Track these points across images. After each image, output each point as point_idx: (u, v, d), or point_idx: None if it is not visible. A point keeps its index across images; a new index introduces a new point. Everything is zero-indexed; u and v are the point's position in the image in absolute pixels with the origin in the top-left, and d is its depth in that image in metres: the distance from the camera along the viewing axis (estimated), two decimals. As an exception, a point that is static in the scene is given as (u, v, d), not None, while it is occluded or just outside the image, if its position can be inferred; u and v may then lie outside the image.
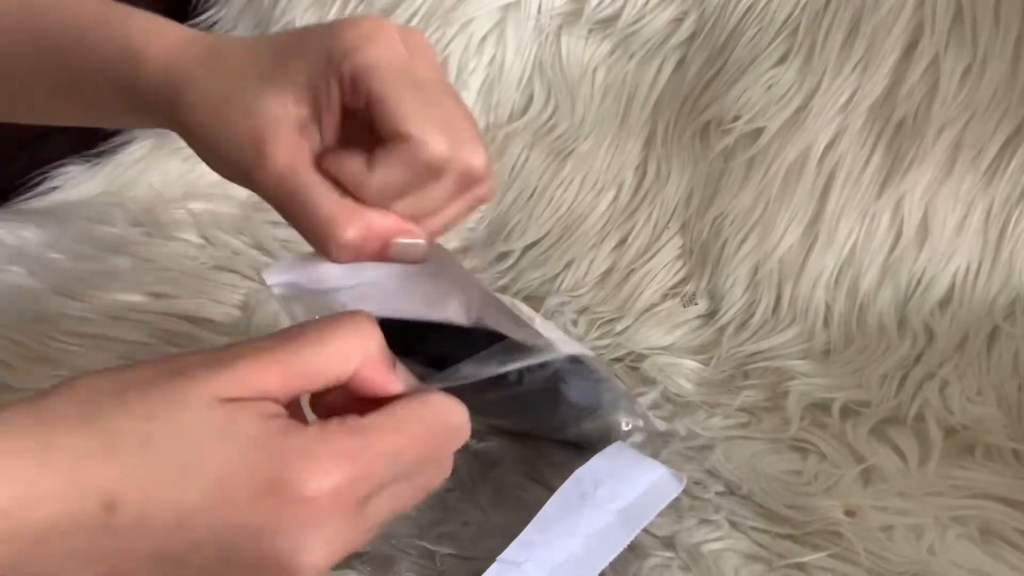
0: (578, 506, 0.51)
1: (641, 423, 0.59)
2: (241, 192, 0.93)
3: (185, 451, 0.31)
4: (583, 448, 0.57)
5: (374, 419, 0.34)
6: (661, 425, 0.62)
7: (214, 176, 0.43)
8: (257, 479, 0.32)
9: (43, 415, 0.31)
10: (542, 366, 0.54)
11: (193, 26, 1.02)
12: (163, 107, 0.42)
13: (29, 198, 0.92)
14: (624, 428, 0.58)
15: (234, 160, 0.40)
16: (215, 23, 1.03)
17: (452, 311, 0.42)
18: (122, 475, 0.31)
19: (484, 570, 0.48)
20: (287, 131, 0.39)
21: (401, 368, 0.38)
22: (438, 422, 0.36)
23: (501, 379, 0.44)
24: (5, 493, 0.30)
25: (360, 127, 0.39)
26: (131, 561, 0.31)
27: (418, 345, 0.44)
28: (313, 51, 0.39)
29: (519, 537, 0.49)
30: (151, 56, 0.42)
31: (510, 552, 0.48)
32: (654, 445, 0.61)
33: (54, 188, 0.93)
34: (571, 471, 0.52)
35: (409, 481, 0.36)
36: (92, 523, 0.31)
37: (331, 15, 0.94)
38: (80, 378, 0.33)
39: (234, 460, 0.32)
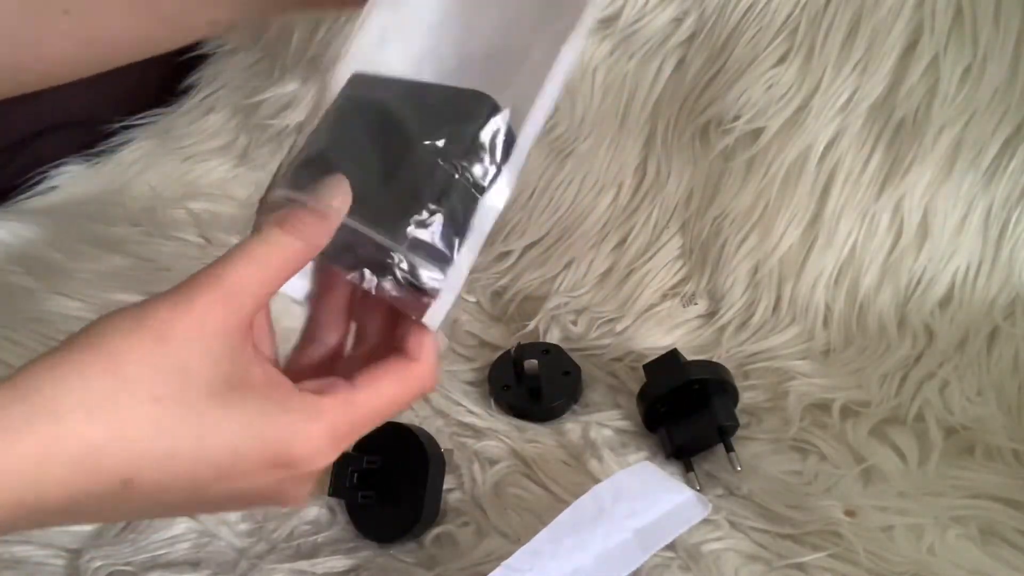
0: (593, 520, 0.51)
1: None
2: (241, 192, 0.93)
3: (197, 429, 0.34)
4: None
5: (364, 395, 0.38)
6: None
7: (214, 176, 0.43)
8: (266, 454, 0.36)
9: (55, 401, 0.33)
10: None
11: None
12: None
13: (29, 198, 0.92)
14: None
15: None
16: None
17: None
18: (138, 458, 0.33)
19: (485, 573, 0.48)
20: None
21: None
22: (414, 389, 0.40)
23: None
24: (21, 472, 0.32)
25: None
26: (144, 512, 0.37)
27: None
28: None
29: (528, 544, 0.49)
30: None
31: (516, 559, 0.48)
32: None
33: (54, 188, 0.93)
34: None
35: None
36: (110, 496, 0.33)
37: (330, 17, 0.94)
38: (72, 351, 0.34)
39: (243, 437, 0.35)
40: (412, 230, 0.38)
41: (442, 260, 0.39)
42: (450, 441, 0.65)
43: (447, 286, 0.39)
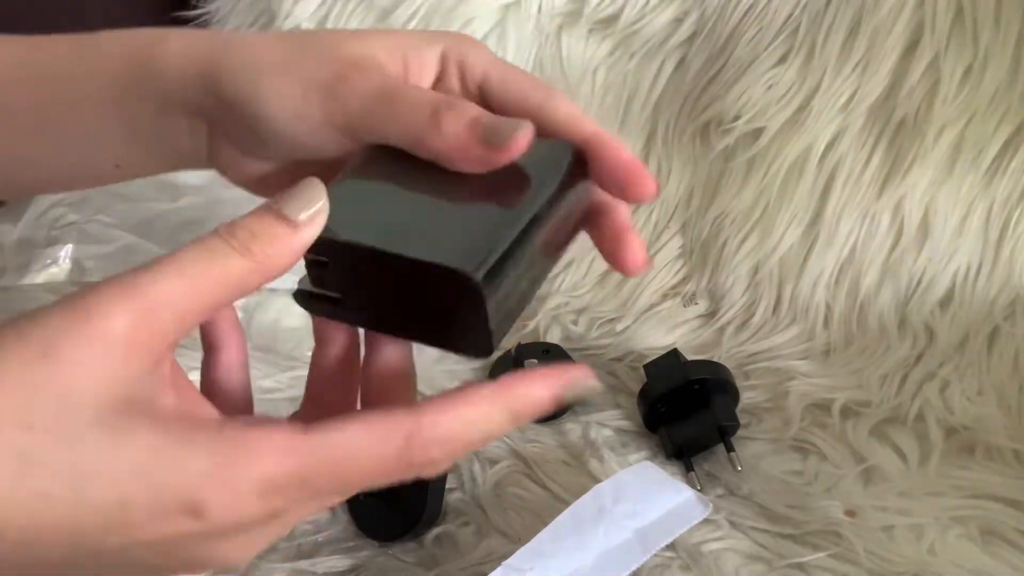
0: (594, 520, 0.51)
1: None
2: (241, 191, 0.92)
3: (76, 467, 0.27)
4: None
5: (318, 441, 0.29)
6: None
7: (212, 175, 0.42)
8: (161, 501, 0.28)
9: None
10: None
11: (193, 20, 1.03)
12: (194, 84, 0.37)
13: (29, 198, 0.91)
14: None
15: (298, 107, 0.35)
16: (211, 20, 1.02)
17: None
18: (4, 500, 0.26)
19: (485, 573, 0.48)
20: (377, 64, 0.35)
21: None
22: (400, 451, 0.29)
23: None
24: None
25: None
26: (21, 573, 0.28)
27: None
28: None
29: (529, 544, 0.49)
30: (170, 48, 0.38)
31: (517, 558, 0.48)
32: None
33: (54, 188, 0.93)
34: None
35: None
36: None
37: (334, 14, 0.94)
38: None
39: (132, 477, 0.27)
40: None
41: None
42: (450, 441, 0.65)
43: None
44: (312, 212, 0.30)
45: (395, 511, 0.58)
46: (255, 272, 0.29)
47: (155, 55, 0.38)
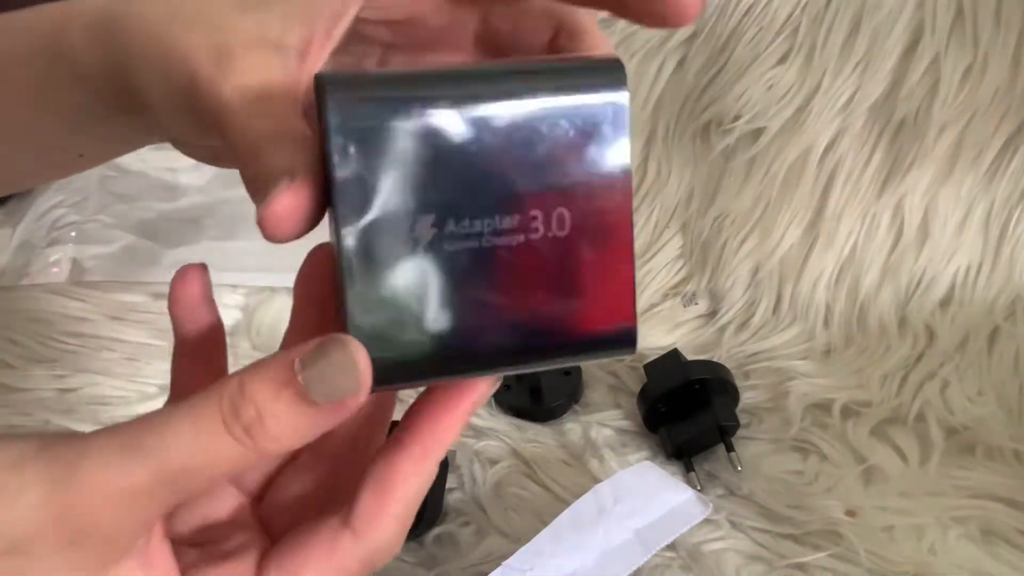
0: (594, 520, 0.51)
1: None
2: (241, 191, 0.92)
3: None
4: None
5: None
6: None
7: (209, 172, 0.42)
8: None
9: None
10: None
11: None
12: (98, 51, 0.31)
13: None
14: None
15: (181, 77, 0.29)
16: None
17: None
18: None
19: (485, 573, 0.48)
20: (263, 50, 0.29)
21: None
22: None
23: None
24: None
25: None
26: None
27: None
28: None
29: (528, 544, 0.49)
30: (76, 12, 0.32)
31: (516, 559, 0.48)
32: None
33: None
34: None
35: None
36: None
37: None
38: None
39: None
40: None
41: None
42: (450, 441, 0.65)
43: None
44: (345, 398, 0.24)
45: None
46: (251, 459, 0.24)
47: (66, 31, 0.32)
